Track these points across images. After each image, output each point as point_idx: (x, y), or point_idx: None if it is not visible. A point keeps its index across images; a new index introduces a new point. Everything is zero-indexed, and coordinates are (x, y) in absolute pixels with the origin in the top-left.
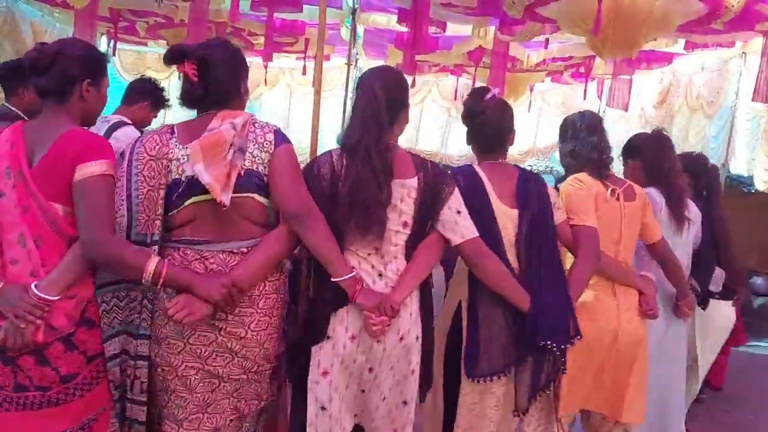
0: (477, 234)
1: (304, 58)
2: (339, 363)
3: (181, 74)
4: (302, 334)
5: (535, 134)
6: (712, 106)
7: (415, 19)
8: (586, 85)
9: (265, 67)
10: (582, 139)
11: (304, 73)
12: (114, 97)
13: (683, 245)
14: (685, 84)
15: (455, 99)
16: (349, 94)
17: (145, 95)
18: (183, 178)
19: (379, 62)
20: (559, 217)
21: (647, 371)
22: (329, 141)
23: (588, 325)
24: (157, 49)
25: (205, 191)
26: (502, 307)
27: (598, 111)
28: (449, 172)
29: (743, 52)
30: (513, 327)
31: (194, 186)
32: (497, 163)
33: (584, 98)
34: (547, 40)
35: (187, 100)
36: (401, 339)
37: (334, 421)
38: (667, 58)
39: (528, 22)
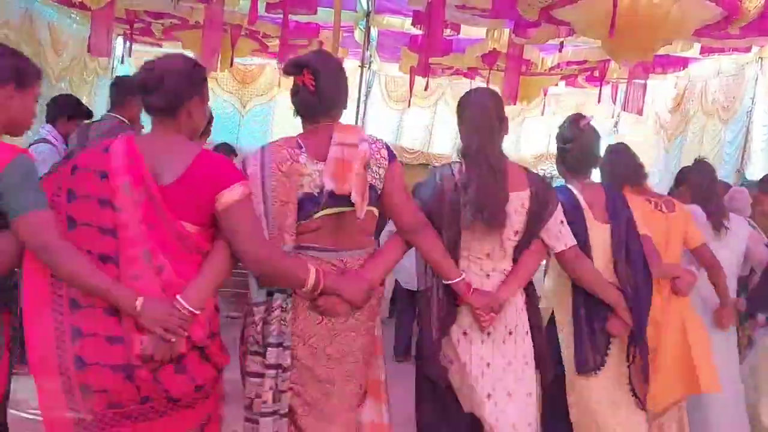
0: (576, 242)
1: None
2: (457, 358)
3: (299, 84)
4: (438, 334)
5: (548, 138)
6: (727, 111)
7: (430, 21)
8: (600, 89)
9: (279, 69)
10: (615, 160)
11: None
12: None
13: (724, 257)
14: (701, 89)
15: None
16: (362, 96)
17: (132, 91)
18: (316, 193)
19: (393, 65)
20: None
21: (707, 341)
22: None
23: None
24: (173, 50)
25: (338, 205)
26: (600, 308)
27: (612, 115)
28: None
29: (760, 57)
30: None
31: (329, 199)
32: (588, 183)
33: (598, 102)
34: (562, 43)
35: (302, 108)
36: (511, 334)
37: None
38: (682, 63)
39: (543, 25)
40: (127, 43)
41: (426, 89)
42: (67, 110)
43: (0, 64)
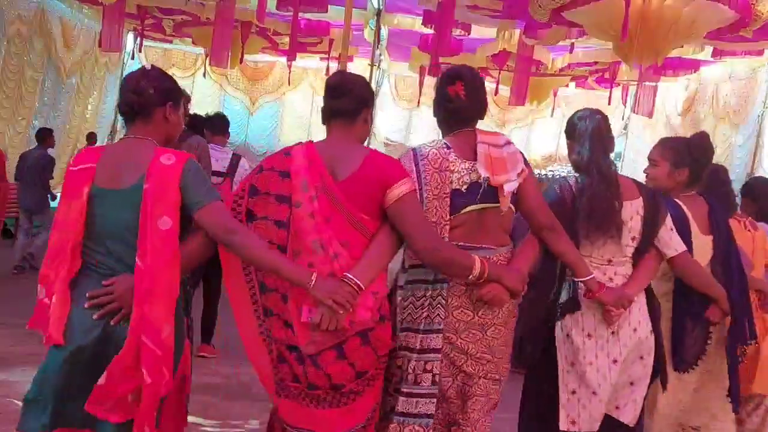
0: (685, 248)
1: (328, 58)
2: (579, 362)
3: (451, 94)
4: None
5: (558, 140)
6: (738, 115)
7: (440, 21)
8: (610, 91)
9: (289, 67)
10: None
11: (327, 73)
12: None
13: None
14: (712, 92)
15: None
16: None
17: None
18: (463, 189)
19: (403, 64)
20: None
21: None
22: None
23: None
24: (183, 46)
25: (482, 202)
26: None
27: (622, 117)
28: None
29: None
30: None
31: (474, 196)
32: (692, 195)
33: (609, 104)
34: (573, 44)
35: (451, 114)
36: (635, 331)
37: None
38: (693, 66)
39: (554, 26)
40: (138, 39)
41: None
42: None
43: (161, 86)
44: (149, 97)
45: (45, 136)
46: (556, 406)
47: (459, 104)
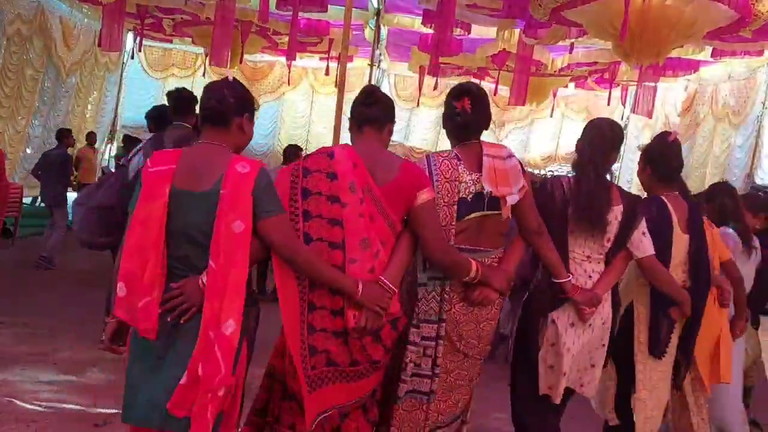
0: (653, 252)
1: (328, 58)
2: (559, 343)
3: (458, 108)
4: (532, 320)
5: (557, 140)
6: (738, 116)
7: (440, 21)
8: (610, 91)
9: (289, 66)
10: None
11: (327, 73)
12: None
13: (746, 272)
14: (711, 92)
15: None
16: None
17: (194, 102)
18: (469, 198)
19: (402, 64)
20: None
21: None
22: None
23: None
24: (183, 46)
25: (485, 209)
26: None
27: (622, 118)
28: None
29: None
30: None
31: (478, 204)
32: (674, 195)
33: (608, 104)
34: (572, 44)
35: (458, 127)
36: (603, 323)
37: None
38: (693, 66)
39: (554, 26)
40: (138, 39)
41: (435, 89)
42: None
43: (242, 98)
44: (230, 107)
45: (63, 136)
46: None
47: (465, 118)
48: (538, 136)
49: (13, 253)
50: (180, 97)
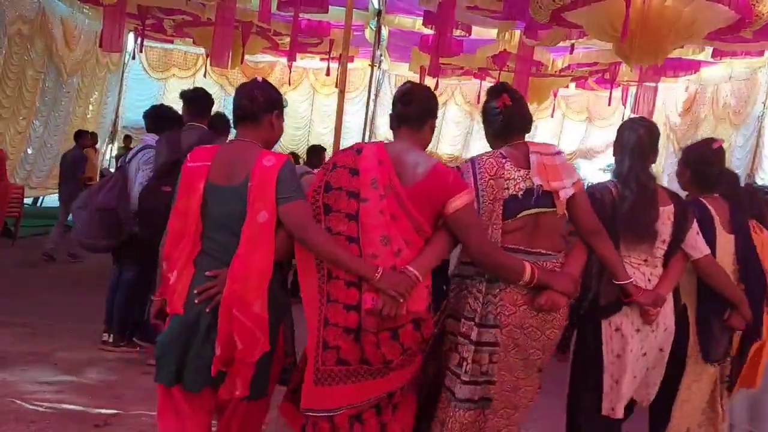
0: (709, 251)
1: (328, 58)
2: (625, 351)
3: (499, 105)
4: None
5: (558, 140)
6: (738, 116)
7: (440, 21)
8: (610, 92)
9: (290, 67)
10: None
11: (327, 73)
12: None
13: None
14: (712, 92)
15: (478, 102)
16: (372, 96)
17: (211, 104)
18: (520, 195)
19: (403, 65)
20: None
21: None
22: (351, 142)
23: None
24: (184, 47)
25: (537, 206)
26: (723, 309)
27: (622, 118)
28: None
29: None
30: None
31: (529, 201)
32: (714, 197)
33: (608, 105)
34: (573, 45)
35: (503, 125)
36: (666, 330)
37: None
38: (694, 66)
39: (554, 27)
40: (139, 39)
41: (436, 89)
42: (175, 121)
43: (271, 96)
44: (260, 105)
45: (79, 137)
46: (599, 393)
47: (508, 113)
48: (539, 136)
49: (14, 253)
50: (195, 97)
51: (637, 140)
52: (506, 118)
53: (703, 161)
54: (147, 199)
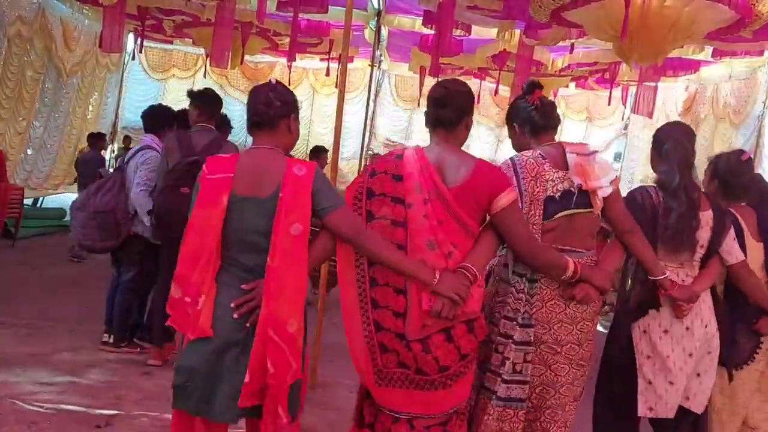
0: (744, 257)
1: (328, 59)
2: (657, 354)
3: (534, 103)
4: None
5: (558, 139)
6: (738, 115)
7: (440, 21)
8: (611, 91)
9: (289, 67)
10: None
11: (327, 74)
12: (139, 92)
13: None
14: (712, 92)
15: (477, 102)
16: (372, 96)
17: (220, 105)
18: (557, 196)
19: (403, 65)
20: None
21: None
22: (351, 142)
23: None
24: (183, 47)
25: (574, 207)
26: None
27: (622, 118)
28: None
29: None
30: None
31: (567, 202)
32: (743, 206)
33: (608, 104)
34: (573, 44)
35: (540, 121)
36: (706, 327)
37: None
38: (694, 66)
39: (554, 27)
40: (138, 40)
41: None
42: (173, 121)
43: (286, 99)
44: (276, 109)
45: (96, 139)
46: (631, 396)
47: (544, 108)
48: None
49: (14, 254)
50: (206, 99)
51: (683, 152)
52: (544, 113)
53: (732, 173)
54: (166, 201)
